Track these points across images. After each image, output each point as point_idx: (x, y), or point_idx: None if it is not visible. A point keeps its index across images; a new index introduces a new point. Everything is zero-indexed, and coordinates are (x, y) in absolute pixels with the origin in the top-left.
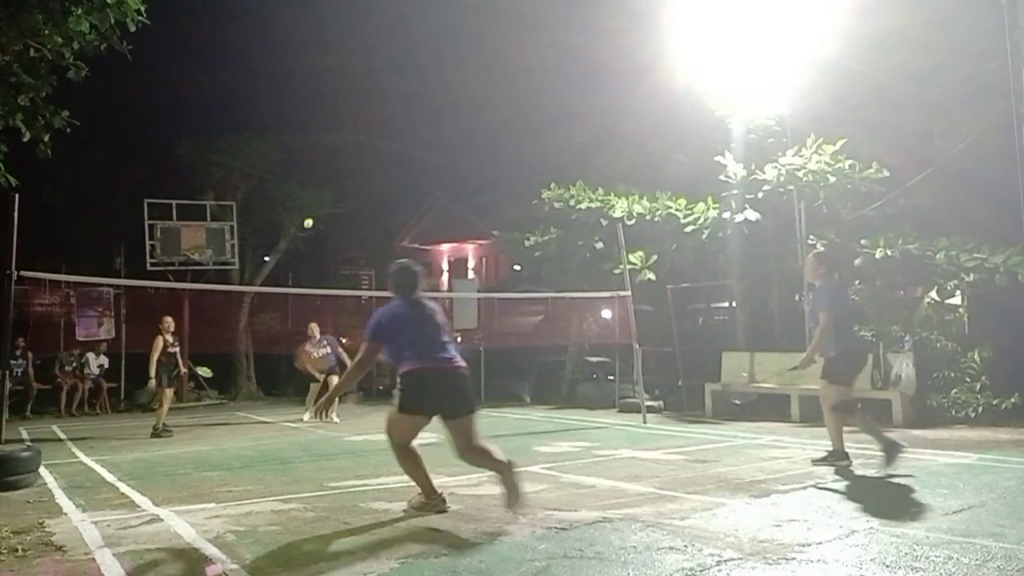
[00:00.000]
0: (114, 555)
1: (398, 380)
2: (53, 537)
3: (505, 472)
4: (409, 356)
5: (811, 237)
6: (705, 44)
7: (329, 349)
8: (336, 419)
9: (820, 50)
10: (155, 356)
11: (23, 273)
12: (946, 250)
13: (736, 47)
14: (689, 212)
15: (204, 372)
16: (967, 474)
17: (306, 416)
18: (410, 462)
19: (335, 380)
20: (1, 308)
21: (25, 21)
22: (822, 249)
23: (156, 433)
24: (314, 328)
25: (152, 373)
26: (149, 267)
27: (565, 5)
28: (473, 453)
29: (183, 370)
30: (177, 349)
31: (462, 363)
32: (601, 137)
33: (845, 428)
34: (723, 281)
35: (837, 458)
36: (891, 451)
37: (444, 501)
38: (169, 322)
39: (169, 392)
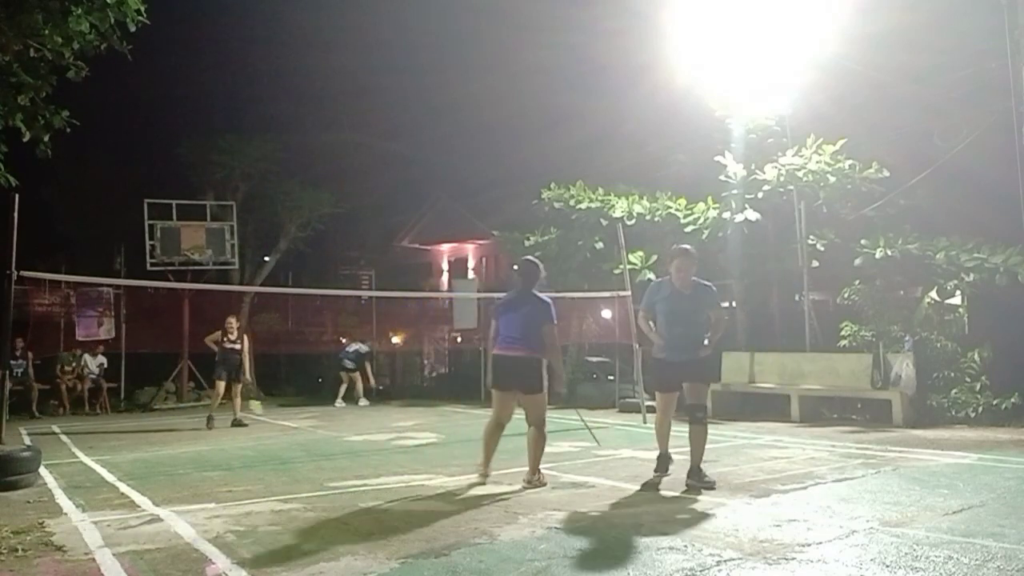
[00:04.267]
0: (114, 555)
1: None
2: (53, 537)
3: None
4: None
5: (811, 237)
6: (705, 44)
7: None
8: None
9: (820, 50)
10: (210, 339)
11: (23, 273)
12: (946, 250)
13: (736, 47)
14: (689, 212)
15: (256, 407)
16: (967, 474)
17: (345, 403)
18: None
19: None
20: (1, 308)
21: (25, 21)
22: (687, 247)
23: (236, 423)
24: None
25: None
26: (149, 267)
27: (565, 5)
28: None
29: (246, 376)
30: (239, 347)
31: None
32: (601, 137)
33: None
34: (723, 281)
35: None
36: (663, 464)
37: None
38: (231, 323)
39: (221, 386)
